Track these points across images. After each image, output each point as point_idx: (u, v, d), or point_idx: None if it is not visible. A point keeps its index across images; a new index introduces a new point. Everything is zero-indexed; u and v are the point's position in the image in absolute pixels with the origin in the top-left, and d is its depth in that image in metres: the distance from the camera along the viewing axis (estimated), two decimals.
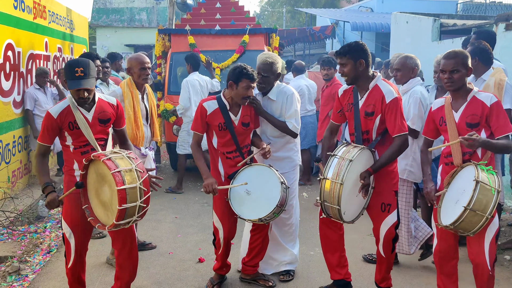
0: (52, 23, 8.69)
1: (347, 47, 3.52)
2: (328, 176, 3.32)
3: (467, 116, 3.23)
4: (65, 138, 3.38)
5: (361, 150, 3.40)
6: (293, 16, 34.22)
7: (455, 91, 3.27)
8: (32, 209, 6.12)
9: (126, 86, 4.47)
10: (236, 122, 3.82)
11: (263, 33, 8.23)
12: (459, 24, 8.87)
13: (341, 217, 3.35)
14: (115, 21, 24.26)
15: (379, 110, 3.50)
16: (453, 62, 3.20)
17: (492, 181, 3.00)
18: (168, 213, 6.19)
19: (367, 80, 3.57)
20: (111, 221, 3.11)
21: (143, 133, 4.53)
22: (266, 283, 4.10)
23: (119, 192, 3.02)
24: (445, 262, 3.37)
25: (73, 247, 3.41)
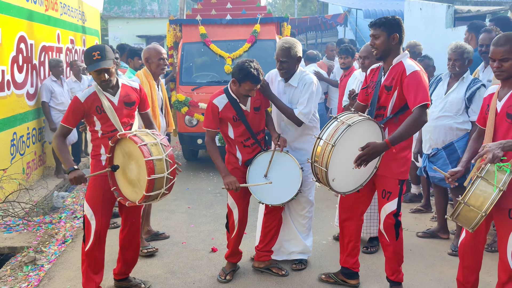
0: (64, 15, 8.72)
1: (383, 18, 3.44)
2: (322, 136, 3.26)
3: (509, 106, 2.98)
4: (93, 122, 3.56)
5: (365, 119, 3.28)
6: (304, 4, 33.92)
7: (505, 80, 3.03)
8: (47, 200, 6.20)
9: (143, 76, 4.58)
10: (249, 110, 3.87)
11: (274, 22, 8.17)
12: (474, 10, 8.72)
13: (328, 182, 3.27)
14: (126, 12, 24.30)
15: (398, 83, 3.38)
16: (502, 49, 2.94)
17: (499, 179, 2.81)
18: (181, 203, 6.22)
19: (394, 57, 3.46)
20: (141, 195, 3.26)
21: (160, 123, 4.64)
22: (279, 271, 4.12)
23: (147, 163, 3.18)
24: (469, 256, 3.25)
25: (93, 229, 3.54)
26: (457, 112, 4.51)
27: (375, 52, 3.51)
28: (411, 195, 6.17)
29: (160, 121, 4.65)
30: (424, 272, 4.17)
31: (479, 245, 3.22)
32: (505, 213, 2.98)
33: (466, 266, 3.27)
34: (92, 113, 3.51)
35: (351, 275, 3.89)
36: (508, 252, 3.00)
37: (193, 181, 7.31)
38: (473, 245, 3.21)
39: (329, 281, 3.97)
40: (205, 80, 7.84)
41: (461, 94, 4.47)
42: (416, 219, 5.49)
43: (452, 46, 4.55)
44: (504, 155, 2.97)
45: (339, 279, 3.93)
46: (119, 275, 3.92)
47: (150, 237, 4.92)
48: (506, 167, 2.83)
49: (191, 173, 7.73)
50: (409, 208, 5.80)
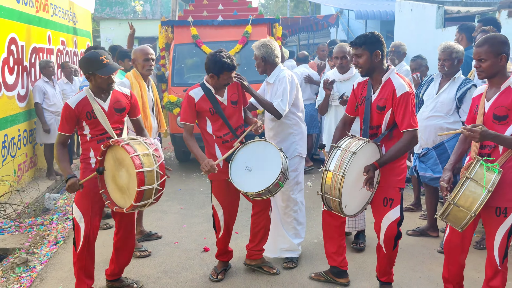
0: (55, 16, 8.71)
1: (363, 37, 3.47)
2: (330, 168, 3.31)
3: (496, 107, 3.04)
4: (83, 127, 3.58)
5: (366, 143, 3.36)
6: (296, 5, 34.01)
7: (487, 79, 3.12)
8: (39, 202, 6.19)
9: (133, 77, 4.57)
10: (226, 103, 3.89)
11: (265, 23, 8.21)
12: (463, 11, 8.80)
13: (342, 210, 3.34)
14: (118, 13, 24.25)
15: (390, 104, 3.45)
16: (480, 50, 3.04)
17: (487, 179, 2.87)
18: (173, 203, 6.24)
19: (381, 73, 3.51)
20: (129, 203, 3.30)
21: (151, 124, 4.63)
22: (270, 270, 4.15)
23: (138, 175, 3.20)
24: (454, 254, 3.30)
25: (82, 231, 3.55)
26: (447, 112, 4.56)
27: (360, 70, 3.57)
28: None
29: (152, 122, 4.65)
30: (413, 270, 4.22)
31: (465, 241, 3.26)
32: (492, 211, 3.05)
33: (451, 262, 3.32)
34: (82, 118, 3.53)
35: (340, 274, 3.92)
36: (495, 248, 3.08)
37: (185, 182, 7.32)
38: (459, 242, 3.25)
39: (320, 279, 4.00)
40: (197, 81, 7.78)
41: (452, 94, 4.52)
42: (406, 217, 5.50)
43: (441, 47, 4.60)
44: (492, 155, 3.04)
45: (329, 277, 3.97)
46: (111, 275, 3.93)
47: (143, 237, 4.94)
48: (494, 167, 2.90)
49: (184, 174, 7.75)
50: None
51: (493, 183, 2.84)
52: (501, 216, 3.03)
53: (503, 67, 3.05)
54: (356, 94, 3.75)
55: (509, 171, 3.01)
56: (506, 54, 3.03)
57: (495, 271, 3.13)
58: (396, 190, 3.54)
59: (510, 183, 3.00)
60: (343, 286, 3.92)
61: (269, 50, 4.13)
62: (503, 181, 2.98)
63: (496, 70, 3.04)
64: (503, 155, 3.01)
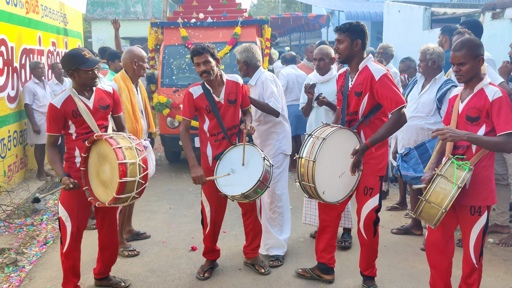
0: (45, 17, 8.74)
1: (348, 24, 3.60)
2: (302, 155, 3.42)
3: (468, 109, 3.11)
4: (68, 126, 3.60)
5: (337, 129, 3.46)
6: (288, 6, 34.15)
7: (466, 82, 3.17)
8: (29, 203, 6.23)
9: (121, 80, 4.52)
10: (222, 102, 3.98)
11: (255, 25, 8.29)
12: (450, 12, 8.94)
13: (319, 196, 3.42)
14: (110, 13, 24.22)
15: (368, 89, 3.54)
16: (458, 54, 3.08)
17: (458, 176, 2.93)
18: (162, 203, 6.31)
19: (359, 62, 3.63)
20: (111, 196, 3.33)
21: (141, 126, 4.62)
22: (260, 268, 4.24)
23: (120, 166, 3.26)
24: (434, 255, 3.35)
25: (69, 231, 3.59)
26: (428, 112, 4.66)
27: (338, 56, 3.68)
28: None
29: (142, 123, 4.69)
30: (396, 267, 4.31)
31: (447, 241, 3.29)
32: (466, 210, 3.13)
33: (433, 263, 3.36)
34: (68, 117, 3.55)
35: (327, 270, 4.01)
36: (471, 246, 3.16)
37: (175, 182, 7.39)
38: (439, 241, 3.30)
39: (305, 275, 4.09)
40: (187, 82, 7.88)
41: (433, 95, 4.62)
42: (391, 216, 5.65)
43: (421, 49, 4.71)
44: (466, 155, 3.12)
45: (315, 274, 4.05)
46: (99, 274, 3.99)
47: (131, 237, 5.00)
48: (466, 165, 2.97)
49: (173, 174, 7.81)
50: (385, 206, 5.96)
51: (463, 179, 2.91)
52: (475, 215, 3.11)
53: (480, 69, 3.13)
54: (338, 84, 3.89)
55: (482, 171, 3.09)
56: (482, 56, 3.11)
57: (471, 269, 3.20)
58: (377, 179, 3.67)
59: (483, 183, 3.08)
60: (328, 283, 4.01)
61: (250, 54, 4.28)
62: (476, 180, 3.07)
63: (475, 72, 3.11)
64: (476, 155, 3.08)
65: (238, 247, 4.66)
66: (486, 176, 3.10)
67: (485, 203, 3.10)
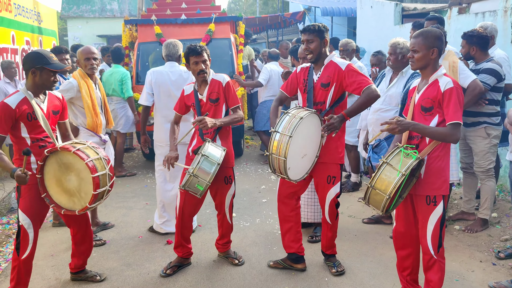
0: (19, 15, 8.69)
1: (316, 26, 3.85)
2: (278, 129, 3.56)
3: (423, 99, 3.20)
4: (19, 129, 3.46)
5: (311, 113, 3.66)
6: (266, 2, 34.24)
7: (419, 69, 3.28)
8: (5, 202, 6.23)
9: (79, 77, 4.66)
10: (205, 99, 4.10)
11: (228, 22, 8.35)
12: (419, 8, 9.13)
13: (286, 171, 3.55)
14: (86, 11, 24.03)
15: (335, 79, 3.81)
16: (414, 41, 3.22)
17: (403, 164, 2.99)
18: (139, 199, 6.36)
19: (324, 58, 3.91)
20: (81, 206, 3.46)
21: (101, 121, 4.76)
22: (233, 260, 4.35)
23: (94, 179, 3.36)
24: (400, 241, 3.45)
25: (31, 238, 3.53)
26: (396, 105, 4.81)
27: (310, 55, 3.88)
28: (351, 183, 6.51)
29: (101, 119, 4.80)
30: (366, 255, 4.46)
31: (410, 231, 3.39)
32: (422, 199, 3.24)
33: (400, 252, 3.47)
34: (21, 119, 3.42)
35: (298, 260, 4.14)
36: (428, 237, 3.23)
37: (151, 178, 7.43)
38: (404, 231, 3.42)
39: (278, 266, 4.21)
40: None
41: (400, 88, 4.77)
42: (363, 206, 5.80)
43: (389, 43, 4.86)
44: (420, 145, 3.23)
45: (287, 264, 4.18)
46: (76, 268, 4.02)
47: (99, 227, 5.17)
48: (414, 154, 3.07)
49: (150, 171, 7.85)
50: (357, 197, 6.12)
51: (408, 167, 2.99)
52: (431, 205, 3.20)
53: (434, 60, 3.22)
54: (298, 77, 4.05)
55: (435, 161, 3.18)
56: (438, 48, 3.21)
57: (429, 259, 3.26)
58: (338, 167, 3.93)
59: (436, 172, 3.18)
60: (300, 271, 4.14)
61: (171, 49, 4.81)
62: (429, 170, 3.18)
63: (426, 62, 3.20)
64: (429, 145, 3.18)
65: (212, 240, 4.74)
66: (439, 166, 3.18)
67: (439, 192, 3.19)
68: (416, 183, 3.21)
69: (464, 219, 5.22)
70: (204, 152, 3.75)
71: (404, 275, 3.50)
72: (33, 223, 3.53)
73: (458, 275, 4.02)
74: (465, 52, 4.90)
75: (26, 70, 3.50)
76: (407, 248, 3.44)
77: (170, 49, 4.90)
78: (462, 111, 3.12)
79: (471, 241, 4.70)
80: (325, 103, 3.86)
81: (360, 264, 4.26)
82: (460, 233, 4.91)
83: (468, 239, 4.75)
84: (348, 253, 4.47)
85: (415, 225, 3.39)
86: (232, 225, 4.37)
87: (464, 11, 6.95)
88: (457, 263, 4.23)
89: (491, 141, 4.81)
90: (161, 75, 4.84)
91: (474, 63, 4.92)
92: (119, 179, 7.29)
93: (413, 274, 3.50)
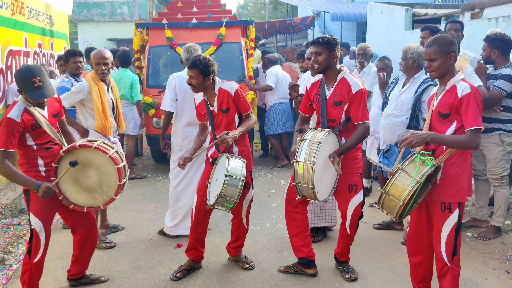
0: (31, 19, 8.75)
1: (325, 38, 3.79)
2: (300, 159, 3.54)
3: (441, 105, 3.17)
4: (25, 139, 3.44)
5: (328, 133, 3.65)
6: (275, 7, 34.31)
7: (438, 78, 3.26)
8: (16, 203, 6.25)
9: (91, 79, 4.70)
10: (216, 110, 4.09)
11: (239, 26, 8.37)
12: (431, 13, 9.11)
13: (315, 196, 3.58)
14: (96, 15, 24.20)
15: (346, 99, 3.77)
16: (429, 50, 3.18)
17: (419, 171, 2.97)
18: (149, 202, 6.37)
19: (335, 72, 3.85)
20: (104, 200, 3.57)
21: (110, 123, 4.79)
22: (244, 264, 4.34)
23: (119, 170, 3.51)
24: (413, 247, 3.43)
25: (43, 241, 3.53)
26: (407, 110, 4.77)
27: (317, 67, 3.85)
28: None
29: (111, 122, 4.82)
30: (377, 261, 4.43)
31: (423, 237, 3.38)
32: (438, 206, 3.22)
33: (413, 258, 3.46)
34: (27, 130, 3.40)
35: (308, 264, 4.11)
36: (442, 244, 3.21)
37: (161, 181, 7.45)
38: (417, 237, 3.40)
39: (289, 271, 4.19)
40: None
41: (411, 93, 4.74)
42: (374, 212, 5.77)
43: (403, 49, 4.83)
44: (437, 151, 3.20)
45: (298, 269, 4.16)
46: (77, 274, 3.97)
47: (109, 230, 5.20)
48: (430, 161, 3.05)
49: (160, 174, 7.87)
50: (367, 203, 6.08)
51: (423, 174, 2.96)
52: (446, 212, 3.16)
53: (452, 66, 3.20)
54: (309, 94, 4.03)
55: (452, 167, 3.15)
56: (454, 53, 3.19)
57: (443, 266, 3.22)
58: (358, 176, 3.90)
59: (453, 179, 3.15)
60: (311, 276, 4.11)
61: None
62: (446, 176, 3.14)
63: (446, 69, 3.18)
64: (446, 151, 3.15)
65: (223, 244, 4.74)
66: (456, 173, 3.15)
67: (454, 199, 3.15)
68: (432, 189, 3.18)
69: (477, 226, 5.17)
70: (227, 172, 3.74)
71: (417, 282, 3.47)
72: (45, 226, 3.54)
73: (471, 283, 3.98)
74: (486, 56, 4.82)
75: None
76: (420, 254, 3.41)
77: (191, 53, 4.89)
78: (481, 116, 3.08)
79: (484, 249, 4.65)
80: (337, 120, 3.85)
81: (371, 270, 4.23)
82: (472, 240, 4.86)
83: (481, 246, 4.71)
84: (359, 259, 4.44)
85: (428, 231, 3.35)
86: (247, 229, 4.36)
87: (477, 16, 6.92)
88: (470, 271, 4.19)
89: (505, 148, 4.77)
90: (184, 79, 4.75)
91: (493, 68, 4.85)
92: (129, 182, 7.28)
93: (426, 282, 3.46)
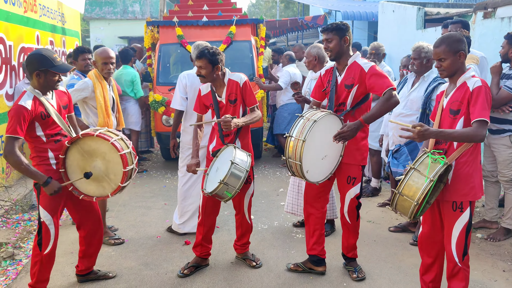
0: (43, 16, 8.82)
1: (334, 24, 3.82)
2: (292, 134, 3.56)
3: (452, 102, 3.15)
4: (34, 129, 3.45)
5: (327, 114, 3.63)
6: (286, 5, 34.25)
7: (449, 77, 3.24)
8: (26, 198, 6.31)
9: (94, 77, 4.74)
10: (224, 101, 4.10)
11: (249, 24, 8.35)
12: (443, 12, 9.03)
13: (303, 174, 3.57)
14: (108, 13, 24.33)
15: (357, 80, 3.76)
16: (438, 50, 3.16)
17: (431, 170, 2.95)
18: (157, 200, 6.39)
19: (347, 58, 3.86)
20: (112, 188, 3.54)
21: (112, 121, 4.83)
22: (251, 262, 4.34)
23: (122, 157, 3.47)
24: (425, 247, 3.40)
25: (53, 234, 3.57)
26: (417, 109, 4.75)
27: (329, 54, 3.86)
28: (371, 188, 6.44)
29: (112, 119, 4.86)
30: (385, 261, 4.41)
31: (436, 237, 3.35)
32: (449, 205, 3.19)
33: (424, 258, 3.43)
34: (36, 119, 3.42)
35: (319, 262, 4.11)
36: (453, 243, 3.18)
37: (170, 179, 7.48)
38: (430, 237, 3.37)
39: (298, 269, 4.18)
40: None
41: (421, 92, 4.71)
42: (382, 212, 5.75)
43: (413, 47, 4.80)
44: (448, 150, 3.18)
45: (307, 267, 4.15)
46: (85, 270, 3.99)
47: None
48: (441, 159, 3.02)
49: (169, 171, 7.90)
50: (376, 203, 6.06)
51: (436, 173, 2.94)
52: (457, 211, 3.14)
53: (462, 64, 3.18)
54: (323, 81, 4.05)
55: (463, 166, 3.12)
56: (464, 51, 3.16)
57: (453, 266, 3.20)
58: (359, 168, 3.90)
59: (464, 178, 3.12)
60: (319, 275, 4.10)
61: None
62: (458, 175, 3.12)
63: (456, 67, 3.16)
64: (457, 150, 3.12)
65: (230, 241, 4.74)
66: (467, 171, 3.12)
67: (466, 198, 3.13)
68: (444, 189, 3.16)
69: (487, 228, 5.12)
70: (233, 159, 3.72)
71: (426, 282, 3.45)
72: (54, 219, 3.58)
73: (480, 285, 3.95)
74: (504, 53, 4.72)
75: (30, 71, 3.48)
76: (432, 253, 3.39)
77: None
78: (489, 111, 3.06)
79: (493, 250, 4.61)
80: (346, 104, 3.84)
81: (379, 270, 4.21)
82: (482, 241, 4.82)
83: (490, 247, 4.66)
84: (367, 259, 4.43)
85: (442, 231, 3.33)
86: (251, 225, 4.37)
87: (490, 16, 6.84)
88: (479, 272, 4.15)
89: None
90: (195, 78, 4.71)
91: (508, 67, 4.79)
92: (137, 179, 7.35)
93: (435, 282, 3.44)
